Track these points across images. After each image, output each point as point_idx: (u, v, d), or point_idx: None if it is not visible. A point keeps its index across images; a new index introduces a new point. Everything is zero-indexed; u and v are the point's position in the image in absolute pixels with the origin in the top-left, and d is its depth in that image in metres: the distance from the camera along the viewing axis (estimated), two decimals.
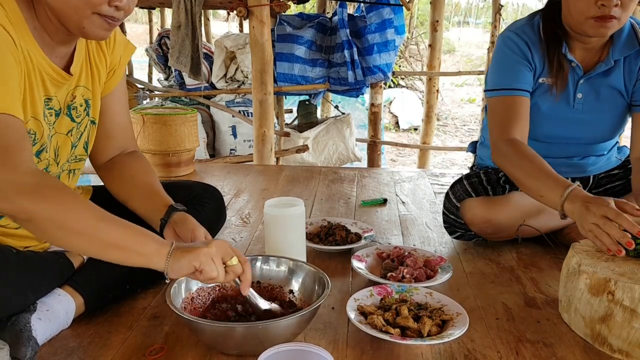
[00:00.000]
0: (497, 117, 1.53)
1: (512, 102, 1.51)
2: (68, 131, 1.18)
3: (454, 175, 2.61)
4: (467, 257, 1.61)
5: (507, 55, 1.53)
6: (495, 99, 1.55)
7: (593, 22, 1.39)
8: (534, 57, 1.52)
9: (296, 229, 1.42)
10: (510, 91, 1.52)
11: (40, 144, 1.10)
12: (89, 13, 0.99)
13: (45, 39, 1.06)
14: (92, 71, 1.21)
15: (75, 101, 1.17)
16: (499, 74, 1.56)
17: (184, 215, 1.21)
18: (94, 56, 1.21)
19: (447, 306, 1.21)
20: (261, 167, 2.92)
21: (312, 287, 1.21)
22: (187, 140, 2.57)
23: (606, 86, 1.53)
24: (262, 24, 3.23)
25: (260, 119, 3.43)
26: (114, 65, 1.26)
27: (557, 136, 1.61)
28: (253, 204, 2.15)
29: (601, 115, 1.56)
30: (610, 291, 1.08)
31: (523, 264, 1.57)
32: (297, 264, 1.27)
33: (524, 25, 1.55)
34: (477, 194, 1.60)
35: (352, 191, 2.34)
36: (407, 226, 1.90)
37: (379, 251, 1.53)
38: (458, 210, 1.60)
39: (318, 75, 4.02)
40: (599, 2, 1.36)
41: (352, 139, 4.17)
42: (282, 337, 1.03)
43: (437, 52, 4.33)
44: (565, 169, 1.62)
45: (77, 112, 1.19)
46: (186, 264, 0.98)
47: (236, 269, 1.03)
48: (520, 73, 1.52)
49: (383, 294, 1.27)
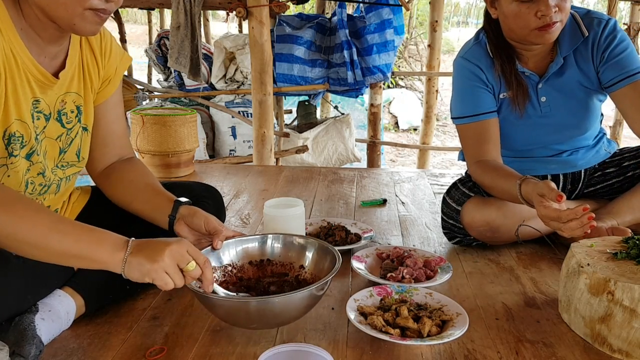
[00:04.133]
0: (468, 143, 1.61)
1: (479, 127, 1.57)
2: (58, 136, 1.17)
3: (453, 175, 2.61)
4: (466, 257, 1.61)
5: (464, 83, 1.59)
6: (463, 127, 1.61)
7: (537, 32, 1.42)
8: (489, 78, 1.57)
9: (296, 229, 1.42)
10: (476, 117, 1.57)
11: (30, 146, 1.09)
12: (80, 10, 0.98)
13: (33, 38, 1.04)
14: (85, 78, 1.20)
15: (65, 107, 1.16)
16: (461, 103, 1.61)
17: (191, 208, 1.22)
18: (88, 64, 1.20)
19: (446, 306, 1.21)
20: (261, 168, 2.92)
21: (323, 262, 1.22)
22: (187, 141, 2.57)
23: (565, 83, 1.55)
24: (261, 24, 3.23)
25: (259, 119, 3.43)
26: (109, 75, 1.26)
27: (536, 142, 1.64)
28: (253, 205, 2.15)
29: (570, 111, 1.58)
30: (610, 291, 1.08)
31: (523, 264, 1.57)
32: (308, 240, 1.28)
33: (472, 48, 1.59)
34: (474, 194, 1.60)
35: (352, 191, 2.34)
36: (407, 226, 1.90)
37: (379, 251, 1.53)
38: (457, 214, 1.60)
39: (317, 76, 4.02)
40: (538, 13, 1.39)
41: (351, 140, 4.18)
42: (294, 311, 1.08)
43: (436, 52, 4.33)
44: (555, 165, 1.66)
45: (68, 118, 1.18)
46: (140, 277, 0.98)
47: (194, 274, 1.02)
48: (481, 97, 1.57)
49: (383, 295, 1.27)
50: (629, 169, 1.65)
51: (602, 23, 1.50)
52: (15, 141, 1.05)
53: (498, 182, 1.46)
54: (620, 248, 1.23)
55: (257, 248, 1.28)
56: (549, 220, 1.25)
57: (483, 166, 1.53)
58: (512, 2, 1.42)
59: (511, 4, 1.42)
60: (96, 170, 1.33)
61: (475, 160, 1.55)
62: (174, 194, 1.35)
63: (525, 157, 1.65)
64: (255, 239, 1.29)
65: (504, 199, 1.50)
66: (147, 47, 5.84)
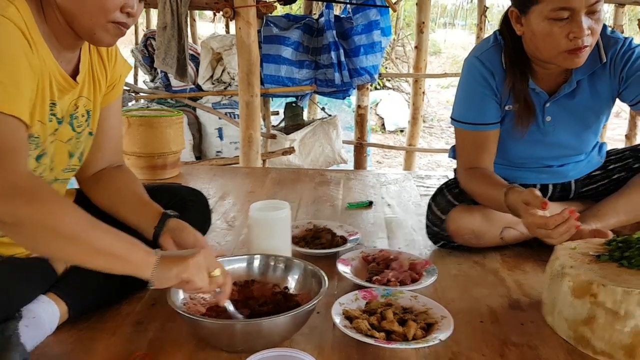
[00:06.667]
0: (464, 149, 1.59)
1: (479, 136, 1.55)
2: (68, 140, 1.18)
3: (439, 177, 2.62)
4: (452, 260, 1.62)
5: (473, 87, 1.53)
6: (462, 132, 1.58)
7: (566, 54, 1.35)
8: (498, 87, 1.51)
9: (281, 232, 1.41)
10: (478, 126, 1.54)
11: (42, 148, 1.10)
12: (103, 21, 1.01)
13: (53, 42, 1.06)
14: (94, 83, 1.22)
15: (77, 111, 1.18)
16: (466, 108, 1.56)
17: (179, 222, 1.23)
18: (96, 68, 1.22)
19: (432, 309, 1.22)
20: (247, 170, 2.91)
21: (309, 283, 1.22)
22: (173, 143, 2.55)
23: (574, 105, 1.52)
24: (248, 25, 3.22)
25: (246, 120, 3.42)
26: (114, 80, 1.28)
27: (531, 156, 1.63)
28: (239, 207, 2.14)
29: (573, 133, 1.57)
30: (593, 293, 1.09)
31: (507, 267, 1.58)
32: (293, 262, 1.28)
33: (489, 51, 1.51)
34: (460, 203, 1.59)
35: (339, 194, 2.34)
36: (393, 229, 1.90)
37: (365, 254, 1.53)
38: (443, 223, 1.59)
39: (305, 77, 4.01)
40: (570, 35, 1.32)
41: (338, 141, 4.18)
42: (278, 334, 1.07)
43: (423, 54, 4.34)
44: (545, 175, 1.66)
45: (79, 122, 1.19)
46: (174, 276, 0.99)
47: (219, 280, 1.04)
48: (487, 107, 1.52)
49: (368, 298, 1.27)
50: (615, 171, 1.66)
51: (618, 42, 1.46)
52: (32, 142, 1.06)
53: (485, 190, 1.47)
54: (602, 250, 1.25)
55: (243, 268, 1.29)
56: (535, 228, 1.24)
57: (473, 174, 1.53)
58: (543, 21, 1.33)
59: (542, 22, 1.34)
60: (85, 174, 1.33)
61: (467, 167, 1.55)
62: (160, 196, 1.35)
63: (517, 167, 1.65)
64: (241, 260, 1.30)
65: (489, 207, 1.50)
66: (133, 47, 5.79)
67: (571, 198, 1.72)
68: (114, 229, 0.98)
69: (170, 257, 1.01)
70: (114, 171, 1.34)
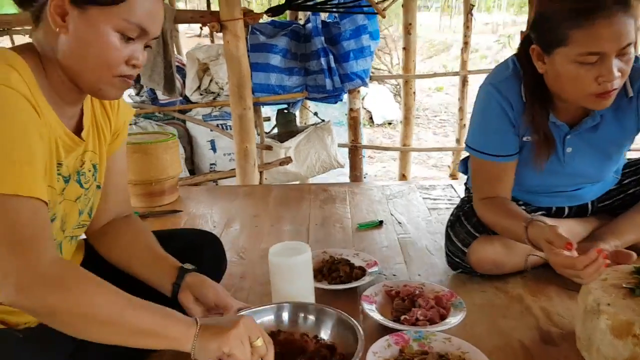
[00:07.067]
0: (480, 179, 1.54)
1: (496, 167, 1.50)
2: (77, 198, 1.12)
3: (443, 187, 2.59)
4: (473, 287, 1.59)
5: (490, 117, 1.46)
6: (479, 161, 1.52)
7: (594, 97, 1.28)
8: (517, 118, 1.43)
9: (304, 276, 1.37)
10: (495, 157, 1.48)
11: (52, 212, 1.04)
12: (109, 77, 0.96)
13: (55, 100, 1.00)
14: (99, 135, 1.16)
15: (84, 167, 1.12)
16: (484, 137, 1.50)
17: (198, 277, 1.18)
18: (100, 119, 1.15)
19: (468, 353, 1.19)
20: (247, 189, 2.85)
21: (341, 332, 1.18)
22: (170, 168, 2.48)
23: (597, 138, 1.46)
24: (236, 37, 3.14)
25: (240, 134, 3.35)
26: (118, 128, 1.22)
27: (549, 185, 1.59)
28: (246, 235, 2.09)
29: (593, 164, 1.52)
30: (635, 334, 1.07)
31: (531, 292, 1.55)
32: (323, 310, 1.23)
33: (508, 80, 1.42)
34: (480, 234, 1.55)
35: (346, 212, 2.30)
36: (408, 251, 1.87)
37: (387, 288, 1.50)
38: (464, 255, 1.56)
39: (295, 84, 3.95)
40: (599, 79, 1.23)
41: (334, 146, 4.14)
42: None
43: (412, 55, 4.30)
44: (559, 199, 1.63)
45: (86, 178, 1.13)
46: (215, 348, 0.93)
47: (261, 350, 0.98)
48: (506, 139, 1.46)
49: (401, 344, 1.23)
50: (630, 186, 1.64)
51: None
52: None
53: (503, 222, 1.43)
54: (634, 281, 1.22)
55: (272, 320, 1.24)
56: (562, 269, 1.20)
57: (490, 205, 1.49)
58: (570, 63, 1.25)
59: (569, 65, 1.25)
60: (92, 228, 1.27)
61: (483, 197, 1.51)
62: (170, 244, 1.30)
63: (531, 193, 1.62)
64: (269, 310, 1.24)
65: (509, 239, 1.47)
66: None
67: (587, 215, 1.70)
68: (148, 303, 0.94)
69: (211, 327, 0.95)
70: (123, 223, 1.28)
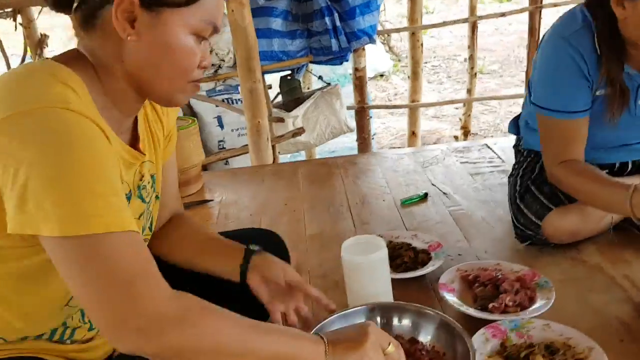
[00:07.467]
0: (553, 140, 1.46)
1: (570, 125, 1.42)
2: (140, 215, 1.01)
3: (479, 147, 2.48)
4: (547, 260, 1.52)
5: (562, 72, 1.38)
6: (550, 120, 1.44)
7: None
8: (590, 71, 1.36)
9: (382, 274, 1.29)
10: (569, 114, 1.41)
11: None
12: (183, 83, 0.88)
13: (113, 115, 0.89)
14: (154, 142, 1.04)
15: (144, 179, 1.01)
16: (554, 94, 1.42)
17: (266, 257, 1.12)
18: (153, 124, 1.04)
19: (572, 339, 1.13)
20: (272, 169, 2.74)
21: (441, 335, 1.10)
22: (195, 155, 2.36)
23: None
24: (242, 5, 2.93)
25: (252, 109, 3.18)
26: (170, 129, 1.10)
27: (616, 138, 1.52)
28: (286, 222, 1.99)
29: None
30: None
31: (608, 259, 1.49)
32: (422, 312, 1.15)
33: (579, 32, 1.36)
34: (556, 205, 1.48)
35: (384, 186, 2.21)
36: (465, 226, 1.79)
37: (464, 273, 1.42)
38: (538, 227, 1.50)
39: (299, 48, 3.76)
40: None
41: (343, 110, 3.98)
42: None
43: (418, 5, 4.10)
44: (623, 154, 1.57)
45: (147, 192, 1.02)
46: None
47: (395, 356, 0.90)
48: (579, 94, 1.39)
49: (499, 337, 1.17)
50: None
51: None
52: None
53: (594, 189, 1.36)
54: None
55: None
56: None
57: (570, 169, 1.41)
58: None
59: None
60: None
61: (560, 161, 1.43)
62: None
63: (596, 148, 1.53)
64: (360, 312, 1.16)
65: (594, 207, 1.40)
66: None
67: None
68: (273, 325, 0.89)
69: (341, 342, 0.87)
70: (179, 222, 1.21)
